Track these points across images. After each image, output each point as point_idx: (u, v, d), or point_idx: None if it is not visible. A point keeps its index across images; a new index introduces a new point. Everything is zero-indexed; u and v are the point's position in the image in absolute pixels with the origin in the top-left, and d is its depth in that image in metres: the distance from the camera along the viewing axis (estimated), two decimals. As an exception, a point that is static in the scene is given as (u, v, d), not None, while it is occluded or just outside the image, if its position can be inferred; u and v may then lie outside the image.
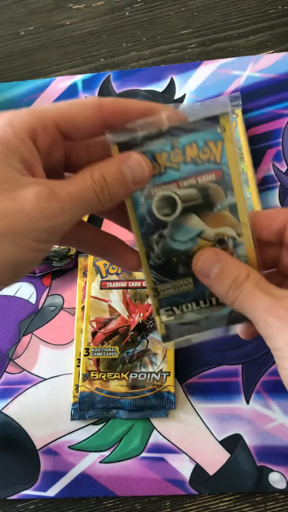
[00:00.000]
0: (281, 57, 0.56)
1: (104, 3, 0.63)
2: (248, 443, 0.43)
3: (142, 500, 0.43)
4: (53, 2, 0.64)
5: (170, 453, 0.44)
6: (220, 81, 0.56)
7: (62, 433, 0.45)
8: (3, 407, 0.47)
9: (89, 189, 0.27)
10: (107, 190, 0.28)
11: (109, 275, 0.48)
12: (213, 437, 0.44)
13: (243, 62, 0.56)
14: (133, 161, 0.28)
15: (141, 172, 0.28)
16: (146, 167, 0.29)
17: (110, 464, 0.44)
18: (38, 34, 0.63)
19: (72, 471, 0.44)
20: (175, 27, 0.60)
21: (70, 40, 0.62)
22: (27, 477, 0.44)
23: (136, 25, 0.61)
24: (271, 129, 0.53)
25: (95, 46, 0.61)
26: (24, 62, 0.61)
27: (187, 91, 0.56)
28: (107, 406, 0.44)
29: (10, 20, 0.64)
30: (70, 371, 0.47)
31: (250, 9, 0.59)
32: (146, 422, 0.45)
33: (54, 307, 0.50)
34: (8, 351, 0.48)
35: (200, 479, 0.43)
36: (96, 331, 0.46)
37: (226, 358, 0.46)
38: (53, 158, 0.29)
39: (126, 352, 0.46)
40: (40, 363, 0.48)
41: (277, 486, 0.42)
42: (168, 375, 0.45)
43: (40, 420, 0.46)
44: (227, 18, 0.59)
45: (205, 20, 0.60)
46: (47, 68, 0.61)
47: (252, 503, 0.42)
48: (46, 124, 0.27)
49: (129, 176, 0.28)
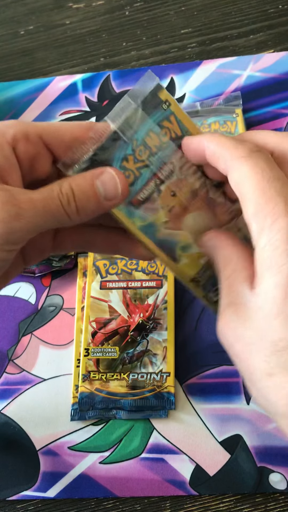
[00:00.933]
0: (282, 57, 0.56)
1: (104, 3, 0.63)
2: (248, 444, 0.43)
3: (142, 500, 0.43)
4: (53, 2, 0.64)
5: (170, 453, 0.44)
6: (220, 81, 0.56)
7: (62, 433, 0.45)
8: (2, 408, 0.47)
9: (53, 199, 0.26)
10: (74, 202, 0.27)
11: (109, 275, 0.48)
12: (213, 438, 0.43)
13: (243, 62, 0.56)
14: (106, 176, 0.27)
15: (114, 188, 0.28)
16: (120, 182, 0.28)
17: (110, 465, 0.44)
18: (37, 34, 0.62)
19: (72, 472, 0.44)
20: (175, 27, 0.60)
21: (70, 39, 0.62)
22: (26, 477, 0.44)
23: (136, 24, 0.61)
24: (272, 128, 0.53)
25: (95, 46, 0.61)
26: (23, 61, 0.61)
27: (187, 90, 0.56)
28: (107, 407, 0.44)
29: (9, 19, 0.64)
30: (70, 372, 0.47)
31: (250, 8, 0.59)
32: (146, 423, 0.45)
33: (54, 307, 0.49)
34: (7, 352, 0.48)
35: (200, 480, 0.43)
36: (96, 332, 0.46)
37: (227, 358, 0.45)
38: (38, 171, 0.29)
39: (126, 353, 0.46)
40: (40, 364, 0.48)
41: (277, 486, 0.42)
42: (168, 375, 0.45)
43: (40, 421, 0.46)
44: (227, 18, 0.59)
45: (205, 20, 0.60)
46: (47, 67, 0.61)
47: (252, 504, 0.42)
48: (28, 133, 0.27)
49: (100, 191, 0.27)
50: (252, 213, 0.25)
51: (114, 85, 0.58)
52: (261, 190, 0.24)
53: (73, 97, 0.58)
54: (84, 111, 0.57)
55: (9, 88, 0.59)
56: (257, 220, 0.24)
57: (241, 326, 0.25)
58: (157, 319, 0.46)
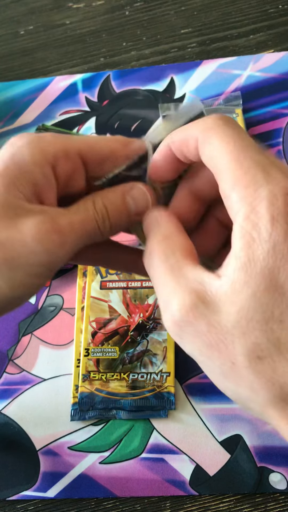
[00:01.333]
0: (282, 57, 0.56)
1: (104, 2, 0.63)
2: (248, 444, 0.43)
3: (142, 500, 0.43)
4: (53, 1, 0.64)
5: (170, 453, 0.44)
6: (220, 81, 0.56)
7: (62, 433, 0.45)
8: (2, 408, 0.47)
9: (90, 219, 0.26)
10: (108, 220, 0.27)
11: (109, 275, 0.48)
12: (213, 438, 0.43)
13: (243, 62, 0.56)
14: (137, 192, 0.27)
15: (145, 203, 0.28)
16: (149, 197, 0.28)
17: (110, 465, 0.44)
18: (37, 34, 0.62)
19: (72, 472, 0.44)
20: (175, 27, 0.60)
21: (70, 39, 0.62)
22: (26, 477, 0.44)
23: (136, 24, 0.61)
24: (272, 128, 0.53)
25: (95, 46, 0.61)
26: (23, 61, 0.61)
27: (187, 90, 0.56)
28: (107, 407, 0.44)
29: (9, 19, 0.64)
30: (70, 372, 0.47)
31: (250, 8, 0.59)
32: (146, 423, 0.45)
33: (54, 307, 0.49)
34: (7, 352, 0.48)
35: (200, 480, 0.43)
36: (96, 332, 0.46)
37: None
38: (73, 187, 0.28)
39: (126, 353, 0.46)
40: (40, 364, 0.48)
41: (277, 486, 0.42)
42: (168, 375, 0.45)
43: (40, 421, 0.46)
44: (227, 18, 0.59)
45: (205, 20, 0.60)
46: (47, 67, 0.61)
47: (252, 504, 0.42)
48: (68, 151, 0.26)
49: (132, 207, 0.27)
50: (230, 185, 0.23)
51: (114, 85, 0.58)
52: (236, 161, 0.23)
53: (73, 97, 0.58)
54: (84, 111, 0.57)
55: (9, 88, 0.59)
56: (237, 190, 0.22)
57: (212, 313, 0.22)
58: (157, 319, 0.46)
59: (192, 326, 0.23)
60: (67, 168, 0.27)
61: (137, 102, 0.57)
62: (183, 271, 0.24)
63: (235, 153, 0.23)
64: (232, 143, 0.23)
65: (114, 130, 0.56)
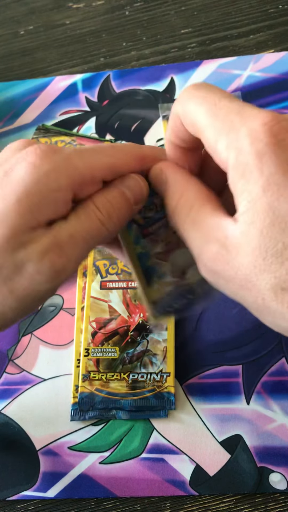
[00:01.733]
0: (282, 57, 0.56)
1: (104, 2, 0.62)
2: (248, 444, 0.43)
3: (142, 501, 0.43)
4: (53, 1, 0.64)
5: (170, 453, 0.44)
6: (220, 81, 0.56)
7: (62, 433, 0.45)
8: (2, 408, 0.47)
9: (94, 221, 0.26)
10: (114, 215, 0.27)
11: (109, 275, 0.48)
12: (213, 438, 0.43)
13: (244, 62, 0.56)
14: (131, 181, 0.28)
15: (139, 190, 0.28)
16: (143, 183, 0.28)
17: (110, 465, 0.44)
18: (37, 34, 0.62)
19: (72, 472, 0.44)
20: (175, 27, 0.60)
21: (70, 39, 0.62)
22: (26, 477, 0.44)
23: (136, 24, 0.61)
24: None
25: (95, 46, 0.61)
26: (23, 61, 0.61)
27: (187, 90, 0.56)
28: (107, 407, 0.44)
29: (9, 19, 0.64)
30: (70, 372, 0.47)
31: (250, 8, 0.59)
32: (146, 423, 0.45)
33: (54, 307, 0.49)
34: (7, 351, 0.48)
35: (200, 480, 0.43)
36: (96, 332, 0.46)
37: (227, 358, 0.46)
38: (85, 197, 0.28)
39: (126, 353, 0.46)
40: (40, 364, 0.48)
41: (277, 487, 0.42)
42: (168, 375, 0.45)
43: (40, 421, 0.46)
44: (227, 18, 0.59)
45: (205, 20, 0.60)
46: (47, 67, 0.61)
47: (252, 504, 0.42)
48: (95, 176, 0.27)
49: (130, 197, 0.28)
50: (214, 139, 0.24)
51: (114, 85, 0.58)
52: (212, 115, 0.24)
53: (73, 97, 0.58)
54: (84, 111, 0.57)
55: (9, 88, 0.59)
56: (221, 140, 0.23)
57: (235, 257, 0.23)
58: (157, 319, 0.46)
59: (222, 273, 0.24)
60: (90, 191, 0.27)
61: (137, 102, 0.57)
62: (205, 222, 0.25)
63: (210, 108, 0.24)
64: (205, 102, 0.24)
65: (114, 130, 0.56)
